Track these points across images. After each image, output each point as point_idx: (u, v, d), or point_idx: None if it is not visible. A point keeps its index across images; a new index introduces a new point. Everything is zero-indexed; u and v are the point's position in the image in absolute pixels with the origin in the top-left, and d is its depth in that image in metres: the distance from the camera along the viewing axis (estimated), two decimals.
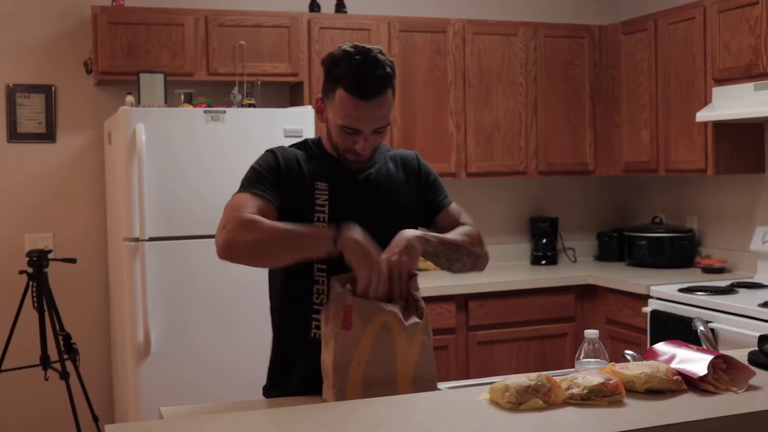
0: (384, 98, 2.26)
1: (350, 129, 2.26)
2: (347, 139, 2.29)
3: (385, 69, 2.25)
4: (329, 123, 2.33)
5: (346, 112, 2.24)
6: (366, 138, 2.27)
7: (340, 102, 2.24)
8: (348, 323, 2.14)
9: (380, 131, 2.30)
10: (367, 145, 2.29)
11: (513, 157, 5.21)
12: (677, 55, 4.80)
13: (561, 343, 4.91)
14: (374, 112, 2.25)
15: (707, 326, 2.47)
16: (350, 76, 2.22)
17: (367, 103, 2.23)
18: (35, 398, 4.65)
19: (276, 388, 2.41)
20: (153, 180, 4.04)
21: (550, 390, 1.89)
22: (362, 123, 2.25)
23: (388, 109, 2.29)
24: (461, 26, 5.08)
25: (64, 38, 4.72)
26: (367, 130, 2.27)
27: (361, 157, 2.33)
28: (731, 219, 5.03)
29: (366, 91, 2.21)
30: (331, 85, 2.27)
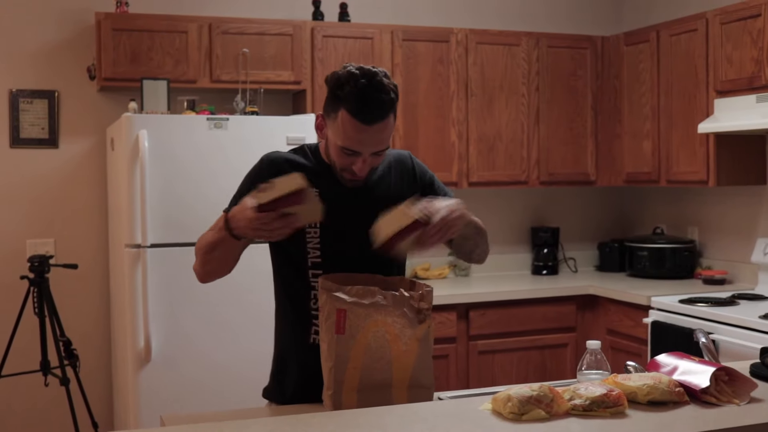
0: (386, 123, 2.26)
1: (349, 151, 2.26)
2: (345, 159, 2.29)
3: (389, 94, 2.24)
4: (329, 141, 2.33)
5: (347, 134, 2.24)
6: (364, 160, 2.27)
7: (342, 123, 2.23)
8: (341, 327, 2.14)
9: (379, 154, 2.31)
10: (365, 167, 2.29)
11: (515, 167, 5.21)
12: (679, 67, 4.81)
13: (561, 353, 4.90)
14: (375, 136, 2.25)
15: (709, 338, 2.47)
16: (354, 99, 2.21)
17: (369, 128, 2.22)
18: (35, 404, 4.64)
19: (277, 391, 2.43)
20: (155, 187, 4.04)
21: (552, 401, 1.89)
22: (362, 146, 2.25)
23: (389, 134, 2.30)
24: (464, 36, 5.09)
25: (68, 44, 4.73)
26: (367, 153, 2.27)
27: (357, 177, 2.32)
28: (732, 230, 5.03)
29: (369, 115, 2.21)
30: (333, 105, 2.26)
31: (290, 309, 2.42)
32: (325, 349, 2.18)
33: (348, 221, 2.32)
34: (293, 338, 2.41)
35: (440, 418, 1.89)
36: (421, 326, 2.23)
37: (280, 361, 2.46)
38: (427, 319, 2.25)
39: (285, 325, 2.45)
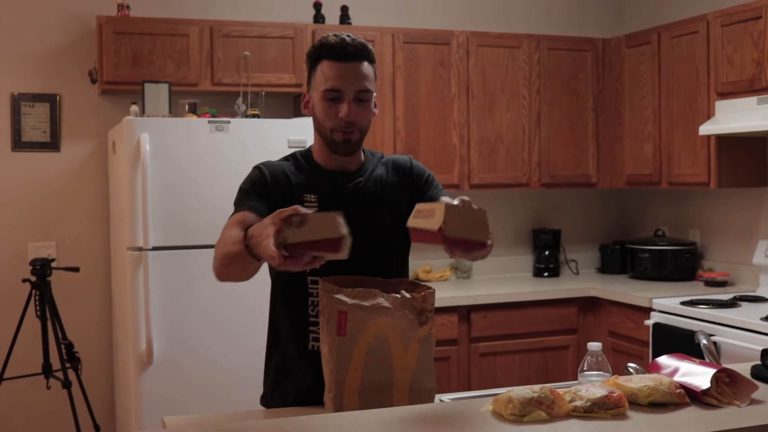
0: (363, 64, 2.32)
1: (332, 92, 2.29)
2: (331, 109, 2.30)
3: (363, 42, 2.34)
4: (315, 107, 2.36)
5: (326, 76, 2.30)
6: (349, 102, 2.29)
7: (322, 71, 2.31)
8: (342, 330, 2.14)
9: (363, 100, 2.32)
10: (351, 112, 2.29)
11: (516, 169, 5.22)
12: (680, 69, 4.81)
13: (563, 355, 4.90)
14: (354, 73, 2.30)
15: (710, 340, 2.47)
16: (328, 45, 2.31)
17: (347, 65, 2.29)
18: (37, 407, 4.65)
19: (277, 399, 2.41)
20: (156, 190, 4.05)
21: (553, 402, 1.89)
22: (343, 82, 2.29)
23: (368, 77, 2.33)
24: (465, 38, 5.09)
25: (70, 48, 4.74)
26: (349, 91, 2.29)
27: (350, 134, 2.32)
28: (734, 232, 5.03)
29: (346, 53, 2.29)
30: (313, 66, 2.35)
31: (287, 316, 2.40)
32: (326, 351, 2.17)
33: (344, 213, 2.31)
34: (292, 346, 2.39)
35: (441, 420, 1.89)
36: (422, 328, 2.22)
37: (278, 369, 2.43)
38: (429, 321, 2.25)
39: (282, 333, 2.43)
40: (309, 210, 1.96)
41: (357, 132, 2.34)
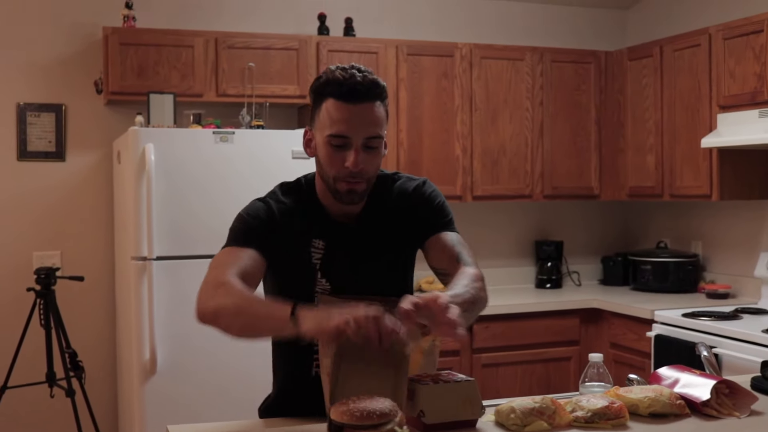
0: (374, 105, 2.11)
1: (338, 137, 2.08)
2: (336, 156, 2.10)
3: (373, 75, 2.13)
4: (318, 150, 2.16)
5: (332, 119, 2.08)
6: (356, 150, 2.09)
7: (327, 111, 2.10)
8: None
9: (372, 147, 2.12)
10: (358, 161, 2.09)
11: (519, 181, 5.24)
12: (683, 82, 4.84)
13: (565, 366, 4.91)
14: (364, 117, 2.09)
15: (710, 351, 2.49)
16: (338, 82, 2.09)
17: (355, 107, 2.08)
18: (41, 415, 4.66)
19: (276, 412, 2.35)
20: (161, 200, 4.07)
21: (554, 413, 1.91)
22: (350, 128, 2.08)
23: (380, 122, 2.13)
24: (468, 50, 5.12)
25: (75, 58, 4.77)
26: (357, 138, 2.09)
27: (355, 185, 2.13)
28: (736, 245, 5.05)
29: (355, 94, 2.07)
30: (318, 103, 2.14)
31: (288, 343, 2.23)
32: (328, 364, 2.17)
33: (353, 264, 2.23)
34: (294, 372, 2.30)
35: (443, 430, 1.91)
36: (425, 338, 2.23)
37: (280, 392, 2.37)
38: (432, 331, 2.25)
39: (283, 359, 2.34)
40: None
41: (363, 182, 2.14)
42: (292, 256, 2.19)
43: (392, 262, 2.31)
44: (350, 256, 2.23)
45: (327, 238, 2.21)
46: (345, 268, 2.21)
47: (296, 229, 2.20)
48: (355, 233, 2.25)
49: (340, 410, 1.79)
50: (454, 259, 2.24)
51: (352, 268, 2.22)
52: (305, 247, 2.20)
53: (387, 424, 1.76)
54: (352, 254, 2.24)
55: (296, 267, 2.20)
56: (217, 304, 2.00)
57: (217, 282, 2.04)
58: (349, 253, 2.23)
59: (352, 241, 2.24)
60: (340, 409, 1.79)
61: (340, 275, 2.20)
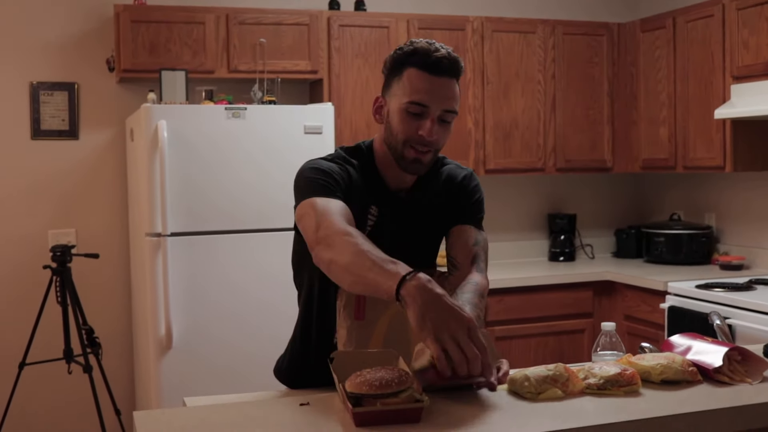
0: (454, 82, 2.17)
1: (417, 106, 2.13)
2: (411, 123, 2.15)
3: (458, 57, 2.19)
4: (390, 115, 2.20)
5: (414, 87, 2.13)
6: (432, 120, 2.14)
7: (409, 79, 2.14)
8: (360, 313, 2.15)
9: (446, 121, 2.17)
10: (433, 131, 2.14)
11: (531, 154, 5.23)
12: (696, 53, 4.81)
13: (578, 338, 4.93)
14: (444, 90, 2.14)
15: (723, 320, 2.49)
16: (423, 53, 2.14)
17: (438, 79, 2.13)
18: (59, 391, 4.72)
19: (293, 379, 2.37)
20: (174, 176, 4.09)
21: (567, 380, 1.92)
22: (431, 98, 2.13)
23: (457, 98, 2.19)
24: (480, 24, 5.10)
25: (87, 36, 4.78)
26: (436, 109, 2.13)
27: (423, 154, 2.18)
28: (749, 216, 5.03)
29: (440, 66, 2.13)
30: (398, 71, 2.17)
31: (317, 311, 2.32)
32: (343, 335, 2.19)
33: (397, 233, 2.27)
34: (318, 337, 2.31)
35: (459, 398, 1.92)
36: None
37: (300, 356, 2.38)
38: None
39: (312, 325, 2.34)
40: None
41: (431, 152, 2.20)
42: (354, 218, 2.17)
43: (431, 238, 2.38)
44: (397, 226, 2.28)
45: (381, 206, 2.26)
46: (390, 236, 2.24)
47: (359, 193, 2.23)
48: (405, 204, 2.30)
49: (356, 382, 1.79)
50: (470, 258, 2.30)
51: (396, 237, 2.26)
52: (364, 211, 2.23)
53: (406, 391, 1.77)
54: (400, 224, 2.29)
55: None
56: (332, 257, 1.96)
57: (338, 229, 1.99)
58: (397, 222, 2.28)
59: (401, 211, 2.29)
60: (357, 380, 1.80)
61: (385, 243, 2.18)
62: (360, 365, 1.87)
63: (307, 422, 1.78)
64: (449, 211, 2.35)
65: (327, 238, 1.99)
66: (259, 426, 1.75)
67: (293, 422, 1.78)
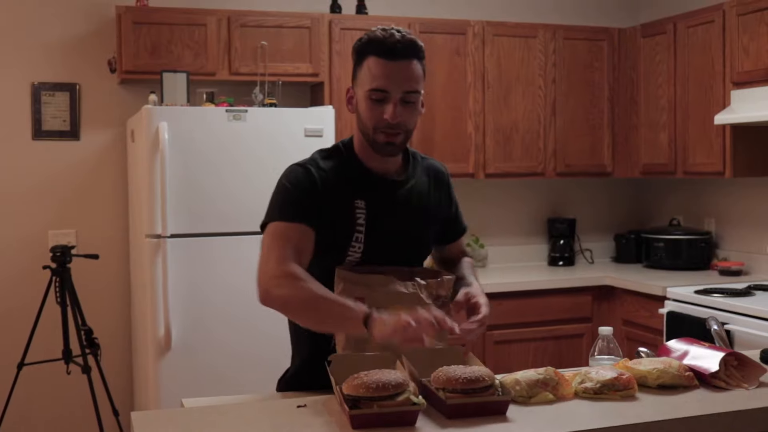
0: (412, 63, 2.22)
1: (378, 92, 2.20)
2: (375, 109, 2.22)
3: (411, 36, 2.25)
4: (359, 105, 2.28)
5: (373, 75, 2.21)
6: (395, 104, 2.20)
7: (368, 68, 2.22)
8: None
9: (409, 102, 2.23)
10: (396, 114, 2.20)
11: (531, 158, 5.24)
12: (696, 58, 4.82)
13: (577, 343, 4.93)
14: (402, 73, 2.21)
15: (720, 325, 2.50)
16: (376, 40, 2.22)
17: (396, 63, 2.20)
18: (57, 392, 4.72)
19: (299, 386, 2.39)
20: (175, 178, 4.09)
21: (558, 383, 1.93)
22: (390, 82, 2.20)
23: (417, 78, 2.24)
24: (481, 28, 5.11)
25: (89, 37, 4.79)
26: (396, 92, 2.20)
27: (393, 137, 2.24)
28: (749, 222, 5.04)
29: (396, 51, 2.20)
30: (359, 61, 2.27)
31: None
32: (342, 338, 2.20)
33: (392, 229, 2.30)
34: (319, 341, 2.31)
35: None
36: None
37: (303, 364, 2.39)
38: (446, 306, 2.28)
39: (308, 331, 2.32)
40: None
41: (401, 134, 2.26)
42: (336, 219, 2.26)
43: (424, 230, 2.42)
44: (390, 216, 2.32)
45: (368, 198, 2.29)
46: (384, 230, 2.27)
47: (338, 193, 2.27)
48: (396, 187, 2.35)
49: (353, 384, 1.80)
50: (461, 254, 2.65)
51: (391, 229, 2.29)
52: (348, 208, 2.27)
53: (402, 394, 1.78)
54: (393, 213, 2.33)
55: (341, 228, 2.27)
56: (287, 295, 2.14)
57: (282, 272, 2.15)
58: (389, 211, 2.32)
59: (393, 197, 2.34)
60: (354, 383, 1.81)
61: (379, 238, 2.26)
62: (357, 368, 1.88)
63: (304, 424, 1.78)
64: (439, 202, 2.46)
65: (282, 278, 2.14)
66: (256, 428, 1.76)
67: (290, 424, 1.78)
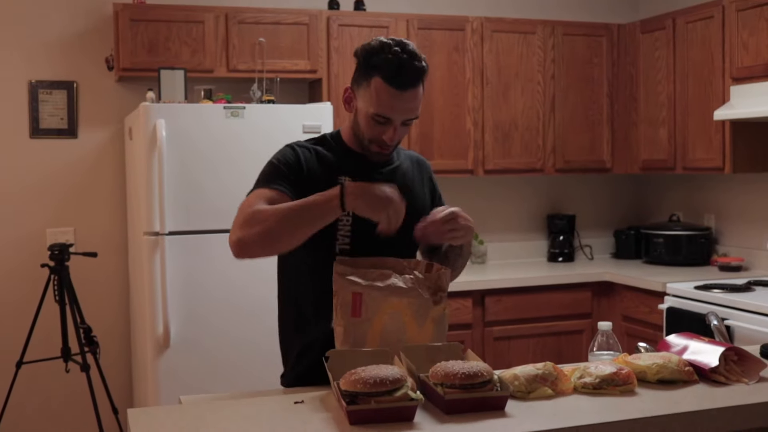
0: (418, 91, 2.28)
1: (382, 118, 2.27)
2: (376, 128, 2.30)
3: (421, 62, 2.29)
4: (358, 112, 2.33)
5: (380, 101, 2.25)
6: (395, 128, 2.29)
7: (376, 91, 2.25)
8: (357, 311, 2.16)
9: (408, 123, 2.32)
10: (395, 136, 2.31)
11: (530, 155, 5.23)
12: (695, 54, 4.81)
13: (577, 339, 4.92)
14: (408, 104, 2.27)
15: (720, 320, 2.49)
16: (389, 65, 2.24)
17: (402, 94, 2.25)
18: (56, 390, 4.71)
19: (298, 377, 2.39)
20: (173, 175, 4.09)
21: (556, 379, 1.92)
22: (395, 112, 2.26)
23: (419, 103, 2.32)
24: (479, 24, 5.10)
25: (86, 35, 4.78)
26: (398, 120, 2.28)
27: (385, 150, 2.35)
28: (749, 217, 5.03)
29: (403, 81, 2.24)
30: (366, 74, 2.29)
31: (312, 297, 2.38)
32: (341, 332, 2.20)
33: None
34: (316, 326, 2.36)
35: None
36: (436, 308, 2.24)
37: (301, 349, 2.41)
38: (443, 300, 2.27)
39: (305, 308, 2.40)
40: None
41: (393, 147, 2.39)
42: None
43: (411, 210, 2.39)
44: None
45: (352, 174, 2.35)
46: None
47: (323, 170, 2.35)
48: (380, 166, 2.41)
49: (351, 380, 1.79)
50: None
51: None
52: (331, 184, 2.27)
53: (400, 390, 1.77)
54: None
55: None
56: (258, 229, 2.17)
57: (248, 213, 2.21)
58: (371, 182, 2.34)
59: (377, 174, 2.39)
60: (351, 378, 1.80)
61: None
62: (355, 364, 1.87)
63: (302, 420, 1.77)
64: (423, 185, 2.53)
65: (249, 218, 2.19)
66: (253, 424, 1.75)
67: (287, 420, 1.78)
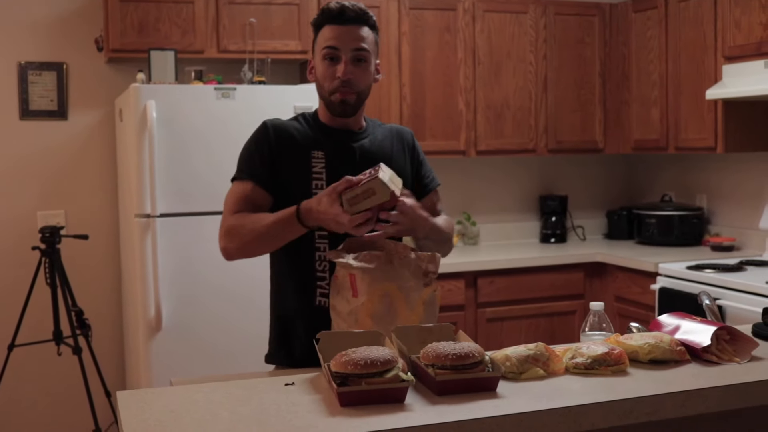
0: (363, 28, 2.42)
1: (330, 49, 2.39)
2: (329, 70, 2.40)
3: (364, 8, 2.44)
4: (317, 70, 2.45)
5: (325, 38, 2.41)
6: (346, 62, 2.38)
7: (323, 35, 2.43)
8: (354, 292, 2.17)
9: (360, 60, 2.41)
10: (347, 71, 2.38)
11: (522, 135, 5.21)
12: (688, 33, 4.79)
13: (570, 320, 4.93)
14: (352, 34, 2.40)
15: (712, 299, 2.49)
16: (330, 11, 2.41)
17: (345, 27, 2.40)
18: (48, 373, 4.70)
19: (283, 354, 2.46)
20: (164, 157, 4.07)
21: (548, 359, 1.92)
22: (340, 42, 2.39)
23: (366, 40, 2.42)
24: (471, 4, 5.07)
25: (76, 16, 4.74)
26: (346, 50, 2.39)
27: (347, 95, 2.40)
28: (741, 197, 5.03)
29: (345, 17, 2.40)
30: (316, 32, 2.46)
31: (294, 272, 2.44)
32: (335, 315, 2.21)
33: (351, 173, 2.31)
34: (297, 302, 2.43)
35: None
36: (426, 289, 2.25)
37: (283, 324, 2.49)
38: (433, 282, 2.28)
39: (287, 289, 2.48)
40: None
41: (354, 93, 2.43)
42: (293, 168, 2.42)
43: None
44: (351, 161, 2.43)
45: (326, 149, 2.45)
46: (347, 173, 2.30)
47: (295, 144, 2.45)
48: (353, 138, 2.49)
49: (342, 361, 1.79)
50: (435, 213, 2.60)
51: (353, 173, 2.30)
52: (305, 158, 2.43)
53: (391, 371, 1.77)
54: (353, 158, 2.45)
55: (299, 178, 2.42)
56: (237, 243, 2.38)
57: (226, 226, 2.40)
58: (349, 158, 2.45)
59: (350, 152, 2.46)
60: (342, 360, 1.79)
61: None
62: (346, 345, 1.87)
63: (292, 402, 1.77)
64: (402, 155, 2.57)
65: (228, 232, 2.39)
66: (243, 405, 1.74)
67: (278, 402, 1.77)
